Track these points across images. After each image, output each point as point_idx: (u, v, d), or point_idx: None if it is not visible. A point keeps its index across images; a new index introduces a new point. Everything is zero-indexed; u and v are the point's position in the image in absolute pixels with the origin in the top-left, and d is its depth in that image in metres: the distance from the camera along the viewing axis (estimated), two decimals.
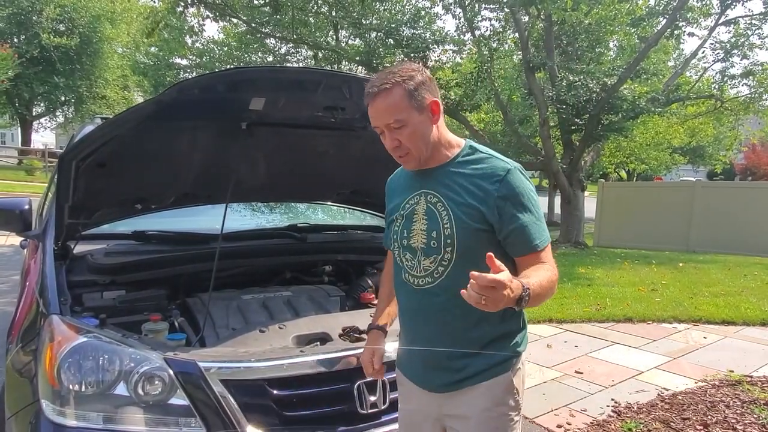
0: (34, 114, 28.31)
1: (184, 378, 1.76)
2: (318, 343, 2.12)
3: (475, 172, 1.47)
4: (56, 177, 2.31)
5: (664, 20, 11.06)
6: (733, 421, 3.23)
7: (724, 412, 3.36)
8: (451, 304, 1.47)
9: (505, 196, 1.43)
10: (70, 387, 1.70)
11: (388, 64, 14.48)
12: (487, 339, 1.50)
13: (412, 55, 12.13)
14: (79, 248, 2.43)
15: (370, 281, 2.76)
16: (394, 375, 1.76)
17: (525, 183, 1.46)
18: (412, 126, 1.43)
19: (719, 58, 13.02)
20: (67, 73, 25.02)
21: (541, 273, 1.38)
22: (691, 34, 11.63)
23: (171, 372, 1.75)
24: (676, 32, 11.27)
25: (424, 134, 1.46)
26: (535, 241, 1.44)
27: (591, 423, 3.26)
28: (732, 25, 12.24)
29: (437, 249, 1.47)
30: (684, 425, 3.20)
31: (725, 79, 13.19)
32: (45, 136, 40.71)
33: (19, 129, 30.51)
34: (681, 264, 9.19)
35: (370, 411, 1.91)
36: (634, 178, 29.59)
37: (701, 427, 3.16)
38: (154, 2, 11.98)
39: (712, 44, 12.89)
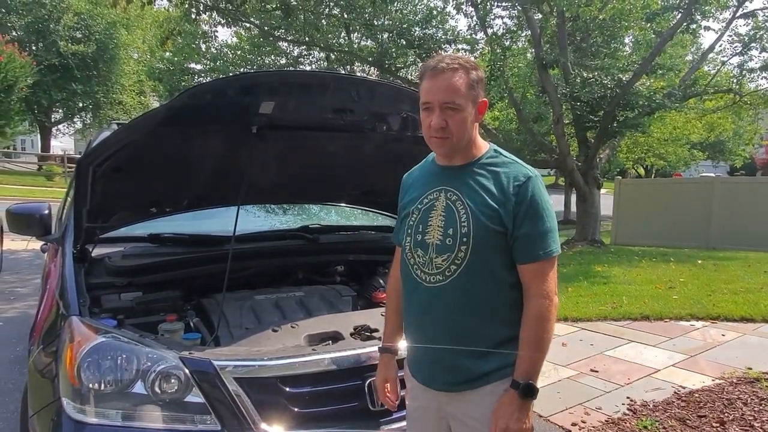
0: (52, 120, 28.83)
1: (199, 376, 1.80)
2: (330, 341, 2.15)
3: (496, 174, 1.50)
4: (74, 182, 2.37)
5: (680, 14, 10.91)
6: (751, 418, 3.19)
7: (741, 409, 3.32)
8: (461, 303, 1.48)
9: (523, 201, 1.45)
10: (90, 385, 1.75)
11: (400, 65, 14.53)
12: (495, 341, 1.50)
13: (424, 55, 12.12)
14: (97, 251, 2.50)
15: (381, 281, 2.78)
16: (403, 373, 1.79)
17: (543, 193, 1.50)
18: (463, 114, 1.47)
19: (737, 51, 12.83)
20: (84, 79, 25.46)
21: (527, 334, 1.45)
22: (707, 28, 11.52)
23: (187, 370, 1.79)
24: (692, 26, 11.11)
25: (468, 126, 1.49)
26: (538, 251, 1.46)
27: (606, 421, 3.25)
28: (750, 18, 12.05)
29: (451, 247, 1.48)
30: (700, 423, 3.17)
31: (743, 72, 12.99)
32: (63, 142, 41.33)
33: (39, 135, 31.10)
34: (700, 261, 9.05)
35: (380, 408, 1.93)
36: (653, 175, 29.20)
37: (718, 425, 3.13)
38: (168, 10, 12.14)
39: (730, 37, 12.72)
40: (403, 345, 1.80)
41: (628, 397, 3.57)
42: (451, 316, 1.50)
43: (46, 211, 2.81)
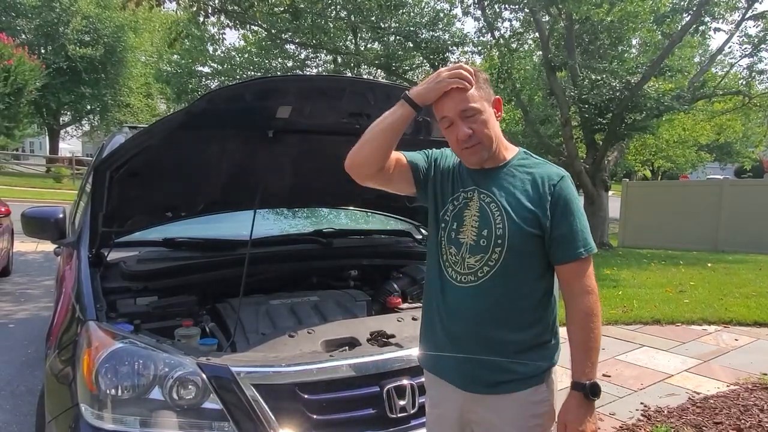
0: (60, 123, 29.00)
1: (216, 382, 1.79)
2: (347, 347, 2.14)
3: (530, 176, 1.50)
4: (91, 187, 2.38)
5: (689, 16, 10.86)
6: None
7: (758, 416, 3.29)
8: (491, 305, 1.47)
9: (558, 201, 1.46)
10: (108, 391, 1.75)
11: (407, 67, 14.54)
12: (522, 347, 1.48)
13: (431, 57, 12.12)
14: (112, 255, 2.50)
15: (395, 285, 2.77)
16: (423, 379, 1.77)
17: (575, 191, 1.51)
18: (484, 116, 1.47)
19: (746, 53, 12.76)
20: (92, 82, 25.62)
21: (580, 334, 1.45)
22: (717, 30, 11.38)
23: (204, 376, 1.79)
24: (701, 28, 11.06)
25: (493, 126, 1.50)
26: (579, 248, 1.45)
27: (620, 427, 3.22)
28: (760, 20, 11.97)
29: (486, 248, 1.47)
30: (716, 430, 3.14)
31: (753, 74, 12.92)
32: (71, 144, 41.68)
33: (47, 138, 31.31)
34: (710, 264, 9.00)
35: (399, 415, 1.92)
36: (659, 177, 29.06)
37: None
38: (175, 12, 12.20)
39: (739, 38, 12.65)
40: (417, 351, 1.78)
41: (642, 403, 3.54)
42: (478, 318, 1.48)
43: (61, 215, 2.82)
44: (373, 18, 12.60)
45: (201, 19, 10.66)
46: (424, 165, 1.65)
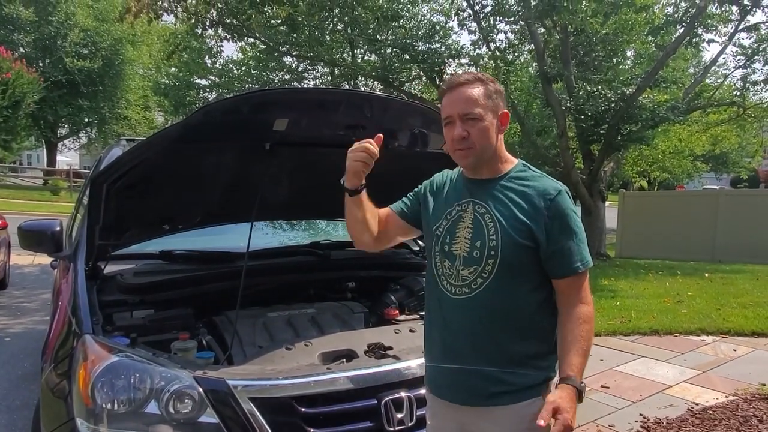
0: (58, 135, 29.00)
1: (213, 396, 1.78)
2: (344, 360, 2.13)
3: (526, 188, 1.51)
4: (88, 199, 2.38)
5: (682, 28, 10.97)
6: None
7: (757, 427, 3.28)
8: (486, 318, 1.47)
9: (555, 215, 1.46)
10: (104, 405, 1.74)
11: (404, 79, 14.62)
12: (518, 358, 1.48)
13: (428, 70, 12.18)
14: (109, 268, 2.49)
15: (393, 297, 2.76)
16: (422, 391, 1.77)
17: (572, 206, 1.51)
18: (484, 123, 1.49)
19: (740, 64, 12.89)
20: (90, 95, 25.65)
21: (576, 333, 1.43)
22: (710, 41, 11.51)
23: (201, 390, 1.78)
24: (694, 40, 11.17)
25: (491, 136, 1.51)
26: (576, 263, 1.47)
27: None
28: (753, 31, 12.10)
29: (479, 260, 1.47)
30: None
31: (747, 85, 13.03)
32: (69, 157, 41.66)
33: (45, 150, 31.29)
34: (707, 274, 9.01)
35: (397, 428, 1.90)
36: (656, 187, 29.16)
37: None
38: (174, 25, 12.28)
39: (733, 50, 12.78)
40: (417, 362, 1.77)
41: (641, 414, 3.52)
42: (474, 331, 1.49)
43: (58, 228, 2.82)
44: (369, 30, 12.68)
45: (199, 31, 10.73)
46: (411, 206, 1.73)
